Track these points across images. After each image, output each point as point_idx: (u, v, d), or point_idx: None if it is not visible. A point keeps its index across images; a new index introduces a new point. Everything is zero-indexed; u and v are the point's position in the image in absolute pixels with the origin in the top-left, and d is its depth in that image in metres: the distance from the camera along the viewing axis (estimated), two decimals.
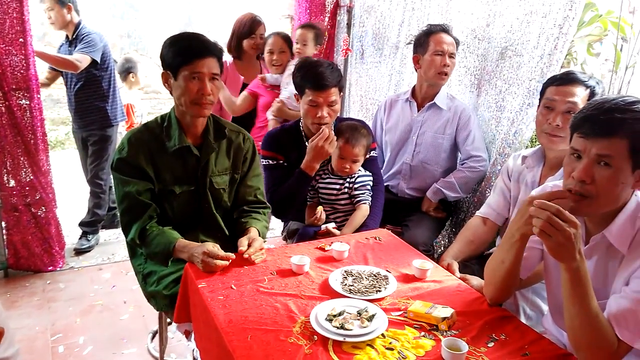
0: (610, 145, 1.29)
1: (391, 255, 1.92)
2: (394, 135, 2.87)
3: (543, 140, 1.98)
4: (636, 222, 1.35)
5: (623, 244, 1.36)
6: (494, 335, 1.44)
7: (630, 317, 1.27)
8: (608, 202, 1.34)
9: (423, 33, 2.70)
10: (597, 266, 1.41)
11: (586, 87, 1.89)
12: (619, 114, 1.29)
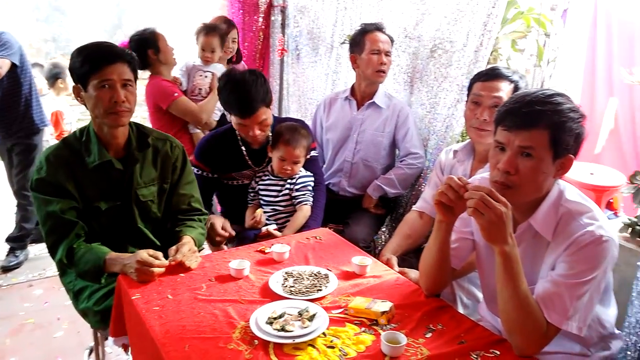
0: (531, 136, 1.35)
1: (332, 254, 1.93)
2: (335, 133, 2.89)
3: (472, 134, 2.05)
4: (559, 209, 1.42)
5: (548, 230, 1.42)
6: (431, 325, 1.47)
7: (557, 300, 1.33)
8: (532, 191, 1.41)
9: (358, 32, 2.73)
10: (525, 253, 1.47)
11: (510, 82, 1.96)
12: (539, 107, 1.35)
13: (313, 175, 2.45)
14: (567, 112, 1.36)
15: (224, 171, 2.38)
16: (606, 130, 2.78)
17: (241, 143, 2.38)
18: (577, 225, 1.37)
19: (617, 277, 1.99)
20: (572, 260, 1.35)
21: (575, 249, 1.35)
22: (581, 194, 1.47)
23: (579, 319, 1.33)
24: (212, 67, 3.20)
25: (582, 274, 1.33)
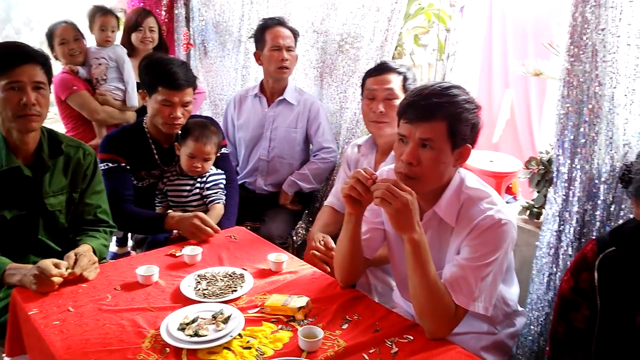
0: (431, 128, 1.40)
1: (247, 252, 1.89)
2: (247, 132, 2.84)
3: (372, 128, 2.12)
4: (460, 196, 1.49)
5: (451, 217, 1.48)
6: (347, 316, 1.48)
7: (463, 283, 1.39)
8: (433, 180, 1.46)
9: (259, 28, 2.70)
10: (431, 240, 1.51)
11: (399, 74, 2.06)
12: (437, 99, 1.40)
13: (224, 173, 2.38)
14: (462, 104, 1.42)
15: (134, 167, 2.25)
16: (503, 120, 2.96)
17: (151, 140, 2.27)
18: (478, 210, 1.43)
19: (518, 257, 2.13)
20: (475, 244, 1.42)
21: (477, 233, 1.42)
22: (480, 181, 1.55)
23: (485, 299, 1.40)
24: (110, 49, 3.03)
25: (484, 257, 1.40)
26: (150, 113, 2.22)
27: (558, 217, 1.82)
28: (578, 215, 1.78)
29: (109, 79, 3.03)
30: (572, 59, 1.70)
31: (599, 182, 1.74)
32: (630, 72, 1.64)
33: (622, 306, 1.30)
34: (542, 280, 1.89)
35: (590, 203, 1.77)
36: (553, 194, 1.83)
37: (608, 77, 1.66)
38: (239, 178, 2.86)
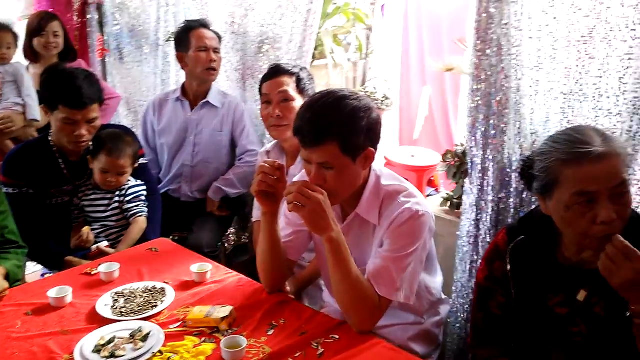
0: (323, 153, 1.38)
1: (170, 265, 1.82)
2: (169, 137, 2.74)
3: (273, 134, 2.09)
4: (379, 194, 1.51)
5: (374, 216, 1.50)
6: (273, 322, 1.46)
7: (385, 274, 1.41)
8: (347, 190, 1.47)
9: (182, 30, 2.62)
10: (356, 240, 1.54)
11: (291, 75, 2.04)
12: (322, 121, 1.37)
13: (145, 184, 2.29)
14: (350, 115, 1.38)
15: (40, 188, 2.11)
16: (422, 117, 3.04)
17: (58, 155, 2.13)
18: (396, 204, 1.46)
19: (442, 247, 2.19)
20: (395, 236, 1.44)
21: (396, 225, 1.44)
22: (396, 176, 1.58)
23: (406, 288, 1.43)
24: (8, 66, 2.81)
25: (404, 248, 1.43)
26: (54, 129, 2.09)
27: (475, 206, 1.89)
28: (493, 204, 1.85)
29: (4, 95, 2.79)
30: (479, 53, 1.77)
31: (511, 171, 1.81)
32: (534, 64, 1.72)
33: (534, 291, 1.36)
34: (464, 269, 1.96)
35: (504, 191, 1.84)
36: (469, 185, 1.89)
37: (513, 69, 1.74)
38: (162, 186, 2.77)
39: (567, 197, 1.20)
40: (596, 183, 1.17)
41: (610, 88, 1.59)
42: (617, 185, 1.18)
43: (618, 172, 1.19)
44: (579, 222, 1.20)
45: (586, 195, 1.18)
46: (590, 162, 1.17)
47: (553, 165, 1.23)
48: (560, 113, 1.70)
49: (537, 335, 1.36)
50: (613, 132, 1.59)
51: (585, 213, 1.19)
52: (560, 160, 1.21)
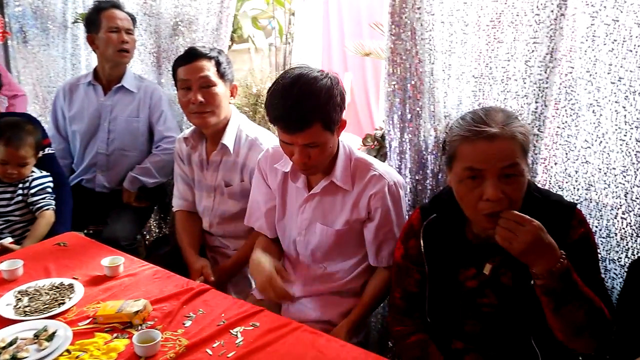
0: (309, 135, 1.46)
1: (79, 260, 1.71)
2: (82, 124, 2.58)
3: (195, 120, 2.00)
4: (351, 163, 1.63)
5: (347, 182, 1.62)
6: (191, 313, 1.41)
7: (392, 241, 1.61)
8: (327, 161, 1.59)
9: (93, 10, 2.47)
10: (329, 203, 1.65)
11: (210, 59, 1.96)
12: (305, 106, 1.43)
13: (51, 175, 2.14)
14: (328, 95, 1.47)
15: None
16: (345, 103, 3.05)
17: None
18: (372, 175, 1.60)
19: None
20: (388, 212, 1.60)
21: (389, 202, 1.60)
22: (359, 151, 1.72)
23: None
24: None
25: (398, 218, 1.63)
26: None
27: None
28: (411, 185, 1.90)
29: None
30: (394, 37, 1.79)
31: (427, 153, 1.86)
32: (446, 49, 1.76)
33: (447, 266, 1.40)
34: None
35: (421, 173, 1.89)
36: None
37: (427, 53, 1.77)
38: (75, 176, 2.61)
39: (460, 170, 1.26)
40: (485, 161, 1.22)
41: (517, 71, 1.66)
42: (507, 167, 1.22)
43: (510, 154, 1.22)
44: (468, 196, 1.26)
45: (475, 171, 1.24)
46: (483, 140, 1.22)
47: (454, 140, 1.28)
48: (472, 96, 1.76)
49: (450, 309, 1.41)
50: (520, 114, 1.67)
51: (474, 188, 1.25)
52: (459, 136, 1.27)
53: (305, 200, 1.67)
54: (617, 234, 1.57)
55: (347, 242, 1.67)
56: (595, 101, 1.55)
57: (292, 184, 1.70)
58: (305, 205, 1.68)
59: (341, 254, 1.69)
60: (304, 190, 1.68)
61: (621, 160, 1.53)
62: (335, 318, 1.64)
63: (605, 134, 1.55)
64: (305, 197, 1.67)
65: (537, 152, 1.68)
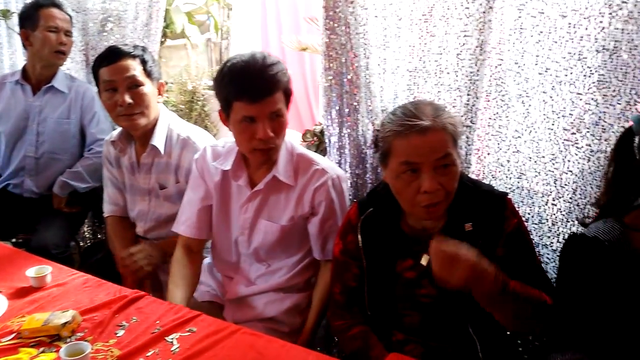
0: (275, 101, 1.47)
1: (3, 271, 1.60)
2: (8, 125, 2.42)
3: (123, 123, 1.91)
4: (293, 158, 1.62)
5: (290, 177, 1.60)
6: (124, 322, 1.34)
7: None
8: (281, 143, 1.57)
9: (31, 6, 2.34)
10: (271, 200, 1.63)
11: (134, 58, 1.87)
12: (270, 72, 1.46)
13: None
14: (283, 68, 1.51)
15: None
16: None
17: None
18: (315, 170, 1.59)
19: None
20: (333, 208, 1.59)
21: (332, 198, 1.58)
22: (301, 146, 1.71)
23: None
24: None
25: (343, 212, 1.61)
26: None
27: None
28: (351, 180, 1.89)
29: None
30: (329, 32, 1.77)
31: (365, 148, 1.86)
32: (380, 43, 1.77)
33: (384, 259, 1.40)
34: None
35: (360, 167, 1.89)
36: None
37: (362, 48, 1.77)
38: (1, 180, 2.46)
39: (396, 166, 1.27)
40: (420, 154, 1.24)
41: (449, 64, 1.69)
42: (441, 158, 1.25)
43: (443, 146, 1.25)
44: (406, 190, 1.28)
45: (411, 165, 1.25)
46: (416, 134, 1.24)
47: (387, 136, 1.29)
48: (407, 90, 1.78)
49: (390, 301, 1.41)
50: (453, 106, 1.70)
51: (411, 182, 1.26)
52: (393, 132, 1.27)
53: (248, 198, 1.64)
54: (549, 219, 1.63)
55: (291, 239, 1.65)
56: (524, 92, 1.60)
57: (233, 182, 1.66)
58: (248, 204, 1.64)
59: (285, 251, 1.67)
60: (246, 188, 1.64)
61: (550, 148, 1.58)
62: (280, 315, 1.62)
63: (534, 123, 1.60)
64: (249, 196, 1.63)
65: (470, 143, 1.71)
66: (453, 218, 1.36)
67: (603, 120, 1.47)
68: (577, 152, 1.53)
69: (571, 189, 1.56)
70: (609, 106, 1.46)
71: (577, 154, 1.53)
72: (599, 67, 1.45)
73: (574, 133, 1.53)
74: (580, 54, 1.48)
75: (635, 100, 1.43)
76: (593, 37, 1.44)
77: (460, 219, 1.35)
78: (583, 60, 1.48)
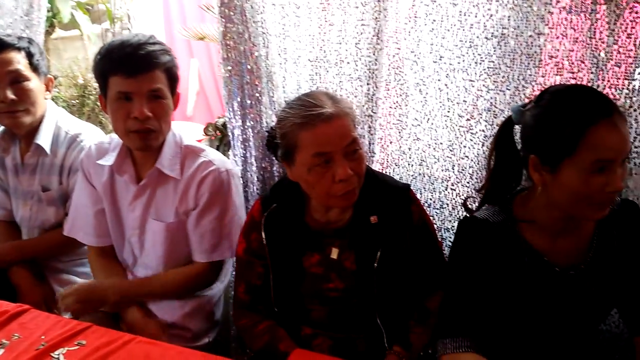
0: (156, 78, 1.40)
1: None
2: None
3: (6, 121, 1.76)
4: (180, 150, 1.53)
5: (175, 170, 1.52)
6: (4, 340, 1.23)
7: (214, 240, 1.52)
8: (165, 130, 1.49)
9: None
10: (159, 196, 1.55)
11: (19, 50, 1.73)
12: (150, 47, 1.39)
13: None
14: (169, 51, 1.46)
15: None
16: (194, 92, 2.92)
17: None
18: (202, 163, 1.52)
19: None
20: (210, 202, 1.50)
21: (211, 191, 1.50)
22: (191, 138, 1.64)
23: (229, 243, 1.53)
24: None
25: (224, 210, 1.52)
26: None
27: (242, 178, 1.85)
28: (258, 174, 1.84)
29: None
30: (225, 20, 1.70)
31: None
32: (279, 32, 1.72)
33: (290, 256, 1.38)
34: None
35: (267, 160, 1.83)
36: (233, 157, 1.85)
37: (260, 37, 1.71)
38: None
39: (307, 159, 1.24)
40: (330, 144, 1.22)
41: (349, 54, 1.67)
42: (349, 144, 1.25)
43: (349, 131, 1.25)
44: (321, 182, 1.25)
45: (323, 155, 1.23)
46: (322, 123, 1.21)
47: (290, 130, 1.25)
48: (310, 80, 1.75)
49: (297, 297, 1.39)
50: (355, 96, 1.69)
51: (325, 173, 1.24)
52: (296, 125, 1.24)
53: (134, 195, 1.54)
54: (449, 204, 1.67)
55: (181, 237, 1.56)
56: (421, 80, 1.62)
57: (119, 179, 1.56)
58: (136, 201, 1.55)
59: (178, 252, 1.58)
60: (132, 185, 1.55)
61: (447, 135, 1.62)
62: (180, 320, 1.55)
63: (432, 111, 1.63)
64: (134, 192, 1.54)
65: (372, 132, 1.71)
66: (359, 211, 1.36)
67: (494, 106, 1.52)
68: (472, 138, 1.57)
69: (468, 174, 1.60)
70: (499, 92, 1.51)
71: (472, 139, 1.57)
72: (489, 54, 1.49)
73: (469, 119, 1.57)
74: (471, 42, 1.51)
75: (524, 86, 1.48)
76: (482, 25, 1.48)
77: (365, 211, 1.35)
78: (474, 47, 1.51)
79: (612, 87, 1.38)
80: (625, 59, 1.36)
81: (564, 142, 1.05)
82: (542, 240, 1.19)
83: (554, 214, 1.16)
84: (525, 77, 1.46)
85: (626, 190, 1.41)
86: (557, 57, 1.41)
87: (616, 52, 1.37)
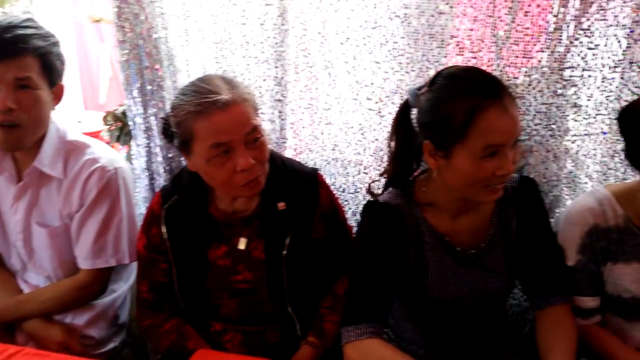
0: (25, 65, 1.25)
1: None
2: None
3: None
4: (63, 146, 1.39)
5: (57, 168, 1.38)
6: None
7: (97, 246, 1.40)
8: (37, 125, 1.33)
9: None
10: (40, 195, 1.41)
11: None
12: (21, 31, 1.24)
13: None
14: (47, 36, 1.31)
15: None
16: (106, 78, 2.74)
17: None
18: (86, 160, 1.39)
19: None
20: (94, 203, 1.38)
21: (94, 190, 1.38)
22: (79, 132, 1.50)
23: (113, 250, 1.41)
24: None
25: (109, 213, 1.40)
26: None
27: (147, 170, 1.74)
28: (164, 165, 1.74)
29: None
30: (118, 1, 1.58)
31: None
32: (180, 13, 1.62)
33: (195, 249, 1.31)
34: None
35: (173, 150, 1.74)
36: (136, 148, 1.73)
37: (158, 18, 1.60)
38: None
39: (205, 150, 1.17)
40: (229, 133, 1.16)
41: (255, 36, 1.60)
42: (250, 132, 1.19)
43: (248, 118, 1.19)
44: (221, 173, 1.19)
45: (221, 146, 1.16)
46: (218, 111, 1.14)
47: (185, 119, 1.18)
48: (215, 63, 1.66)
49: (203, 292, 1.33)
50: (264, 80, 1.63)
51: (224, 163, 1.17)
52: (190, 113, 1.16)
53: (15, 197, 1.41)
54: (363, 188, 1.65)
55: (68, 243, 1.43)
56: (329, 62, 1.58)
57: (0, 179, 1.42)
58: (17, 203, 1.41)
59: (68, 257, 1.44)
60: (11, 185, 1.41)
61: (357, 118, 1.59)
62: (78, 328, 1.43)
63: (342, 94, 1.59)
64: (15, 193, 1.41)
65: (283, 117, 1.66)
66: (266, 198, 1.30)
67: (401, 88, 1.50)
68: (381, 121, 1.56)
69: (379, 157, 1.59)
70: (404, 74, 1.49)
71: (381, 122, 1.56)
72: (393, 35, 1.47)
73: (377, 102, 1.54)
74: (375, 22, 1.48)
75: (427, 67, 1.47)
76: (385, 5, 1.46)
77: (273, 198, 1.30)
78: (379, 28, 1.48)
79: (511, 65, 1.39)
80: (523, 37, 1.38)
81: (454, 128, 1.04)
82: (442, 221, 1.19)
83: (451, 196, 1.16)
84: (429, 58, 1.46)
85: (527, 166, 1.44)
86: (457, 37, 1.41)
87: (514, 30, 1.38)
